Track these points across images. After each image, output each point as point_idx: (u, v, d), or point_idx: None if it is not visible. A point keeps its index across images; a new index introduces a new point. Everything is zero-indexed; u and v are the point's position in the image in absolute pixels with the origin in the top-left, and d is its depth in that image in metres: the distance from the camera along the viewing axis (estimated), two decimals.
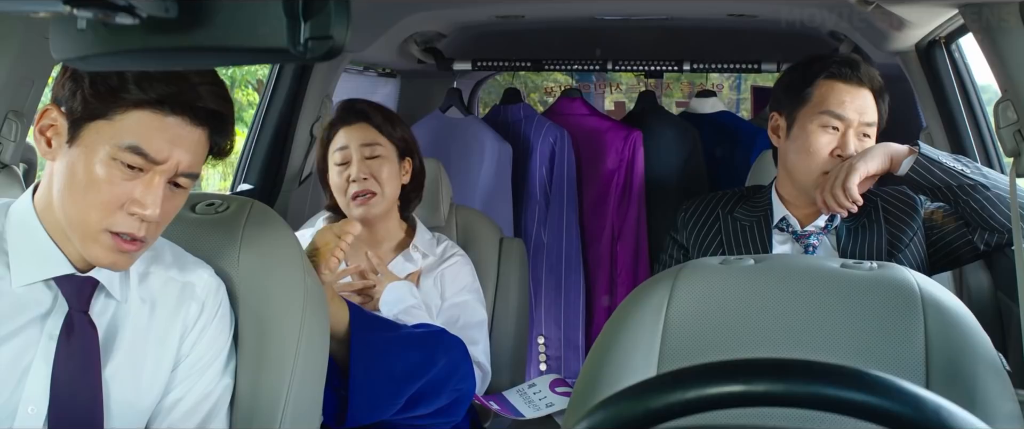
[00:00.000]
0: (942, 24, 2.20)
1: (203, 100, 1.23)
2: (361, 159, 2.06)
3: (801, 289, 1.31)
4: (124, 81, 1.19)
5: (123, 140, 1.20)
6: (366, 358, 1.67)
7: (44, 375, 1.25)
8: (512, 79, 4.18)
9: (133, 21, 0.71)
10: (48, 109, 1.24)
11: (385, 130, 2.09)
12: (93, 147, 1.21)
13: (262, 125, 2.91)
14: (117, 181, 1.21)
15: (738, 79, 12.00)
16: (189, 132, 1.24)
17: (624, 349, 1.29)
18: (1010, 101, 1.71)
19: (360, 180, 2.04)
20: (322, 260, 1.71)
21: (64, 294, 1.28)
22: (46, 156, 1.25)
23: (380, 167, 2.06)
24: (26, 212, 1.28)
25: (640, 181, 3.24)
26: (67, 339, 1.26)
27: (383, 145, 2.08)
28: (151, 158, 1.22)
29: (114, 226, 1.22)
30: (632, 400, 0.79)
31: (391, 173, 2.07)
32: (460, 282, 2.10)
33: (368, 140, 2.07)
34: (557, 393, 2.08)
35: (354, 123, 2.09)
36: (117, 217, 1.22)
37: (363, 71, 3.69)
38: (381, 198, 2.05)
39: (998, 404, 1.17)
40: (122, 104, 1.20)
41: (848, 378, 0.75)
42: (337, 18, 0.72)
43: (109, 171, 1.21)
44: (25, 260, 1.26)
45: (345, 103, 2.17)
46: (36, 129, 1.25)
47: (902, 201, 1.90)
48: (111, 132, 1.21)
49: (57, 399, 1.25)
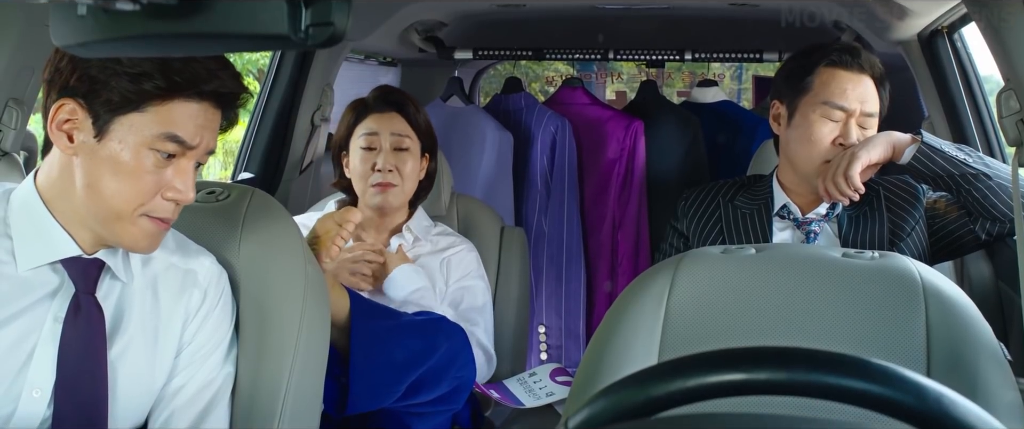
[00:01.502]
0: (945, 13, 2.20)
1: (227, 85, 1.27)
2: (390, 149, 2.07)
3: (802, 278, 1.31)
4: (149, 72, 1.21)
5: (160, 130, 1.23)
6: (367, 345, 1.67)
7: (50, 358, 1.25)
8: (513, 68, 4.18)
9: (133, 7, 0.70)
10: (63, 103, 1.23)
11: (416, 124, 2.10)
12: (126, 139, 1.23)
13: (263, 114, 2.91)
14: (152, 169, 1.24)
15: (739, 69, 11.99)
16: (214, 115, 1.29)
17: (625, 338, 1.30)
18: (1012, 90, 1.70)
19: (385, 171, 2.05)
20: (323, 248, 1.71)
21: (70, 276, 1.28)
22: (67, 151, 1.24)
23: (405, 160, 2.07)
24: (30, 197, 1.28)
25: (641, 171, 3.24)
26: (74, 321, 1.27)
27: (411, 139, 2.09)
28: (187, 144, 1.25)
29: (152, 211, 1.25)
30: (633, 388, 0.79)
31: (413, 168, 2.09)
32: (465, 267, 2.11)
33: (399, 131, 2.08)
34: (558, 382, 2.09)
35: (388, 112, 2.10)
36: (155, 202, 1.25)
37: (364, 60, 3.68)
38: (400, 191, 2.07)
39: (999, 393, 1.17)
40: (155, 96, 1.22)
41: (850, 366, 0.75)
42: (338, 5, 0.71)
43: (143, 160, 1.23)
44: (31, 244, 1.26)
45: (382, 89, 2.18)
46: (52, 126, 1.23)
47: (904, 190, 1.90)
48: (144, 123, 1.23)
49: (62, 381, 1.25)
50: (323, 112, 2.95)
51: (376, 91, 2.16)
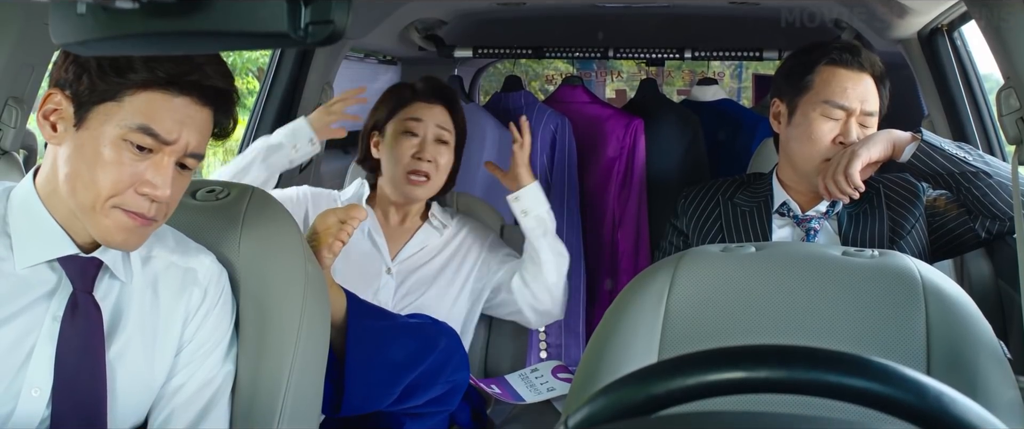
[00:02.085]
0: (945, 12, 2.19)
1: (210, 79, 1.25)
2: (433, 140, 2.07)
3: (802, 276, 1.31)
4: (131, 62, 1.20)
5: (133, 121, 1.22)
6: (363, 345, 1.66)
7: (48, 356, 1.25)
8: (513, 67, 4.18)
9: (133, 5, 0.70)
10: (51, 94, 1.24)
11: (457, 120, 2.12)
12: (102, 129, 1.22)
13: (263, 113, 2.91)
14: (127, 162, 1.22)
15: (739, 67, 12.00)
16: (197, 112, 1.26)
17: (625, 336, 1.30)
18: (1013, 88, 1.70)
19: (425, 160, 2.05)
20: (323, 244, 1.70)
21: (68, 275, 1.28)
22: (52, 141, 1.25)
23: (444, 154, 2.08)
24: (28, 195, 1.28)
25: (641, 169, 3.24)
26: (71, 319, 1.26)
27: (452, 133, 2.10)
28: (161, 138, 1.23)
29: (124, 204, 1.23)
30: (633, 386, 0.79)
31: (448, 163, 2.10)
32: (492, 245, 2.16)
33: (445, 124, 2.09)
34: (559, 378, 2.09)
35: (435, 102, 2.10)
36: (127, 196, 1.23)
37: (364, 58, 3.68)
38: (433, 185, 2.08)
39: (999, 391, 1.17)
40: (130, 86, 1.21)
41: (850, 365, 0.75)
42: (337, 3, 0.71)
43: (119, 152, 1.22)
44: (28, 242, 1.26)
45: (432, 79, 2.18)
46: (39, 115, 1.25)
47: (904, 188, 1.90)
48: (120, 114, 1.22)
49: (61, 380, 1.25)
50: None
51: (425, 80, 2.15)
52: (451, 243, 2.13)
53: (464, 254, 2.12)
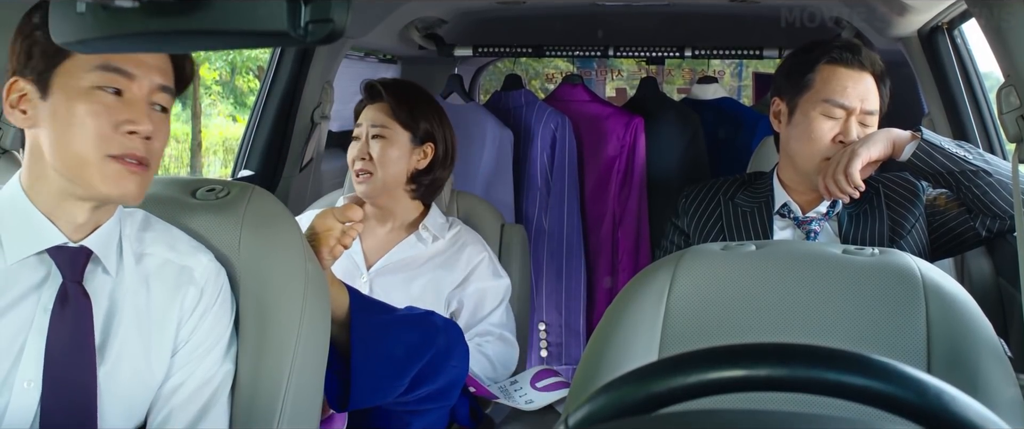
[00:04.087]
0: (945, 10, 2.19)
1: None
2: (368, 138, 2.11)
3: (803, 275, 1.31)
4: None
5: (92, 64, 1.23)
6: (368, 340, 1.67)
7: (39, 348, 1.26)
8: (513, 65, 4.18)
9: (132, 4, 0.70)
10: (13, 82, 1.26)
11: (398, 114, 2.12)
12: (68, 87, 1.24)
13: (263, 111, 2.91)
14: (102, 110, 1.24)
15: (739, 66, 12.00)
16: None
17: (625, 335, 1.30)
18: (1013, 86, 1.70)
19: (360, 159, 2.10)
20: (322, 244, 1.70)
21: (57, 265, 1.28)
22: (26, 125, 1.27)
23: (382, 149, 2.09)
24: (13, 192, 1.30)
25: (641, 167, 3.24)
26: (61, 310, 1.27)
27: (390, 127, 2.11)
28: (124, 70, 1.25)
29: (112, 149, 1.24)
30: (634, 385, 0.79)
31: (393, 156, 2.09)
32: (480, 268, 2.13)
33: (376, 121, 2.12)
34: (538, 389, 2.07)
35: (373, 102, 2.14)
36: (114, 141, 1.24)
37: (364, 57, 3.68)
38: (376, 179, 2.09)
39: (999, 389, 1.17)
40: None
41: (850, 363, 0.75)
42: (337, 2, 0.71)
43: (91, 102, 1.24)
44: (16, 236, 1.27)
45: (370, 82, 2.20)
46: (6, 105, 1.27)
47: (904, 187, 1.90)
48: (78, 65, 1.24)
49: (51, 370, 1.25)
50: (323, 109, 2.95)
51: (365, 85, 2.20)
52: (437, 258, 2.13)
53: (447, 271, 2.11)
